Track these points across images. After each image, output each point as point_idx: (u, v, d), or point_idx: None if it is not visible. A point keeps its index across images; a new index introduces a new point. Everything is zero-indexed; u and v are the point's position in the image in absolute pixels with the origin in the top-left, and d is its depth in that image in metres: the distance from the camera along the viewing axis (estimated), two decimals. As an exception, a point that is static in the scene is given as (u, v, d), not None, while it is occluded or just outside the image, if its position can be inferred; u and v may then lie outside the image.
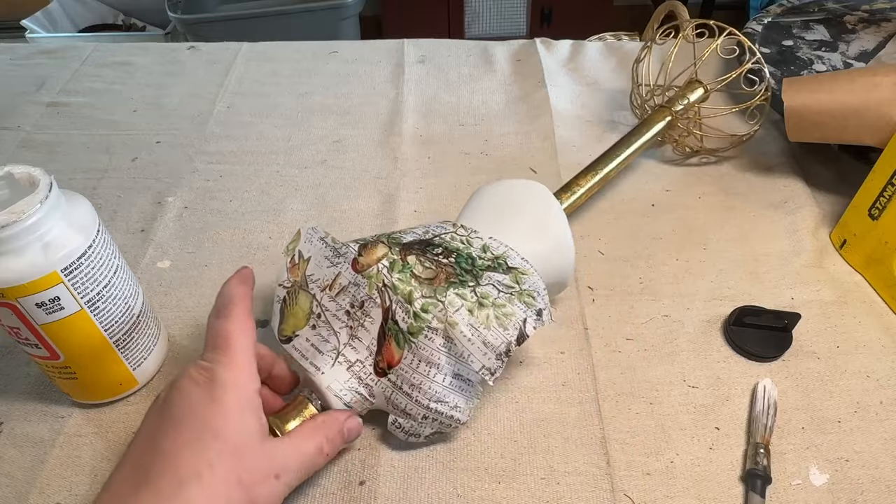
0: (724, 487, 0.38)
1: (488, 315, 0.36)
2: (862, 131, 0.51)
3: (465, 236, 0.40)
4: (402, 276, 0.37)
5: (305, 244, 0.40)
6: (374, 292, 0.36)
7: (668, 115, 0.56)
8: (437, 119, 0.66)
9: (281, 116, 0.67)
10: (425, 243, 0.39)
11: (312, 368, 0.36)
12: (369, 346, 0.36)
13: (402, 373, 0.36)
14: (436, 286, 0.37)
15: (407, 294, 0.36)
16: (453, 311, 0.36)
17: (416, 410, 0.36)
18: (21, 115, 0.67)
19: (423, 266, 0.38)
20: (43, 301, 0.34)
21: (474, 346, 0.35)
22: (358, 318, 0.37)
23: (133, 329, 0.40)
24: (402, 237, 0.40)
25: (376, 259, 0.37)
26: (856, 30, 0.69)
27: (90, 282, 0.36)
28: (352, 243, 0.39)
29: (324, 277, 0.38)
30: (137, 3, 2.01)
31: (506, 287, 0.38)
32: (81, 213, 0.36)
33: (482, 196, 0.45)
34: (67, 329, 0.36)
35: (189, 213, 0.56)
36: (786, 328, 0.45)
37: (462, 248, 0.39)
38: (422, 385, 0.36)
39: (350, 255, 0.38)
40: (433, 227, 0.41)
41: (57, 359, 0.37)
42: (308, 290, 0.38)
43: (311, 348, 0.37)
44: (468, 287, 0.37)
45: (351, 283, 0.37)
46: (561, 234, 0.43)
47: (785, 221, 0.54)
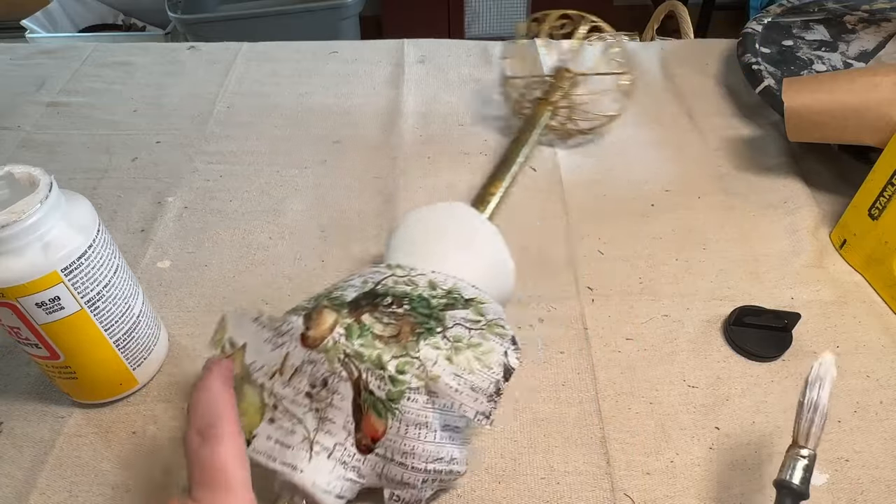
0: (725, 487, 0.38)
1: (468, 358, 0.33)
2: (862, 131, 0.51)
3: (406, 276, 0.37)
4: (363, 341, 0.33)
5: (235, 330, 0.35)
6: (336, 366, 0.32)
7: (549, 107, 0.59)
8: (436, 119, 0.66)
9: (281, 116, 0.67)
10: (371, 296, 0.35)
11: (287, 469, 0.31)
12: (345, 424, 0.32)
13: (389, 443, 0.32)
14: (403, 342, 0.33)
15: (376, 359, 0.32)
16: (431, 364, 0.32)
17: (414, 477, 0.33)
18: (21, 115, 0.67)
19: (382, 323, 0.34)
20: (43, 301, 0.34)
21: (463, 395, 0.32)
22: (323, 398, 0.32)
23: (133, 329, 0.40)
24: (343, 295, 0.36)
25: (328, 328, 0.33)
26: (856, 30, 0.69)
27: (90, 282, 0.36)
28: (292, 316, 0.34)
29: (269, 363, 0.33)
30: (137, 3, 2.01)
31: (472, 322, 0.35)
32: (81, 213, 0.36)
33: (406, 227, 0.42)
34: (67, 329, 0.36)
35: (189, 213, 0.56)
36: (786, 328, 0.45)
37: (410, 290, 0.36)
38: (415, 450, 0.32)
39: (295, 331, 0.33)
40: (368, 274, 0.38)
41: (57, 359, 0.37)
42: (253, 381, 0.33)
43: (277, 446, 0.32)
44: (437, 334, 0.34)
45: (305, 361, 0.33)
46: (495, 248, 0.42)
47: (785, 221, 0.54)
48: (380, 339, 0.33)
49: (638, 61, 0.74)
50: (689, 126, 0.65)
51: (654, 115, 0.66)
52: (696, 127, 0.65)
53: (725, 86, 0.70)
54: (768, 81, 0.60)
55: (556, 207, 0.56)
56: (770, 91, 0.60)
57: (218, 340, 0.34)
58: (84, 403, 0.42)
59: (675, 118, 0.66)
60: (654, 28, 1.18)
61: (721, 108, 0.67)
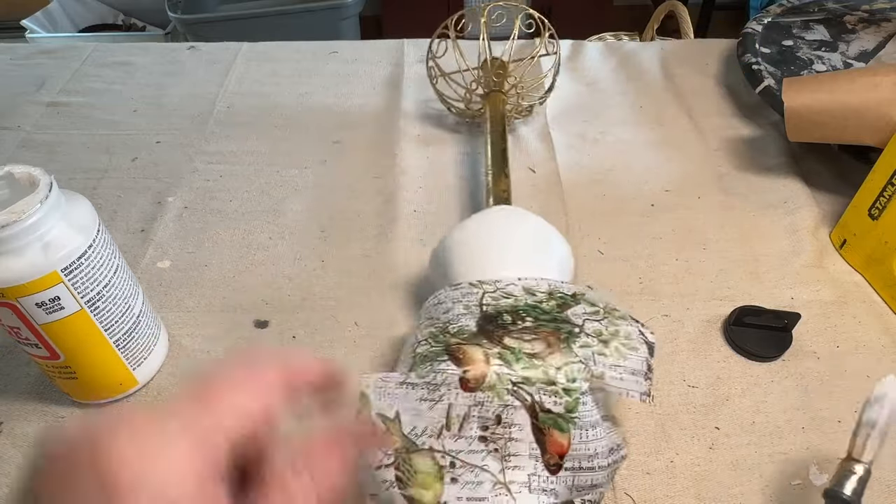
0: (725, 487, 0.38)
1: (616, 347, 0.33)
2: (862, 131, 0.51)
3: (498, 290, 0.36)
4: (524, 364, 0.32)
5: (380, 402, 0.31)
6: (507, 398, 0.31)
7: (501, 97, 0.60)
8: (436, 119, 0.66)
9: (281, 116, 0.67)
10: (490, 319, 0.35)
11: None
12: (530, 453, 0.31)
13: (574, 453, 0.31)
14: (556, 352, 0.33)
15: (543, 376, 0.32)
16: (593, 364, 0.32)
17: (602, 476, 0.32)
18: (21, 115, 0.67)
19: (526, 341, 0.33)
20: (43, 301, 0.34)
21: (626, 383, 0.32)
22: (500, 436, 0.31)
23: (133, 329, 0.40)
24: (463, 327, 0.34)
25: (484, 364, 0.32)
26: (856, 30, 0.69)
27: (90, 282, 0.36)
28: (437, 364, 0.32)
29: (432, 423, 0.31)
30: (137, 3, 2.01)
31: (594, 314, 0.35)
32: (81, 213, 0.36)
33: (464, 238, 0.41)
34: (67, 329, 0.36)
35: (189, 213, 0.56)
36: (786, 328, 0.45)
37: (515, 303, 0.35)
38: (597, 450, 0.32)
39: (451, 379, 0.31)
40: (459, 297, 0.36)
41: (57, 358, 0.37)
42: (420, 448, 0.31)
43: (469, 502, 0.30)
44: (579, 334, 0.34)
45: (471, 406, 0.31)
46: (560, 242, 0.42)
47: (785, 221, 0.54)
48: (536, 357, 0.32)
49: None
50: (689, 126, 0.65)
51: (654, 115, 0.66)
52: (696, 127, 0.65)
53: (725, 86, 0.70)
54: (768, 81, 0.60)
55: (556, 207, 0.56)
56: (770, 91, 0.60)
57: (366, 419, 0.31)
58: (84, 403, 0.42)
59: (675, 118, 0.66)
60: (654, 28, 1.18)
61: (721, 108, 0.67)
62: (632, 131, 0.64)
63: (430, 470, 0.30)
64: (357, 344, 0.45)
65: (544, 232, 0.42)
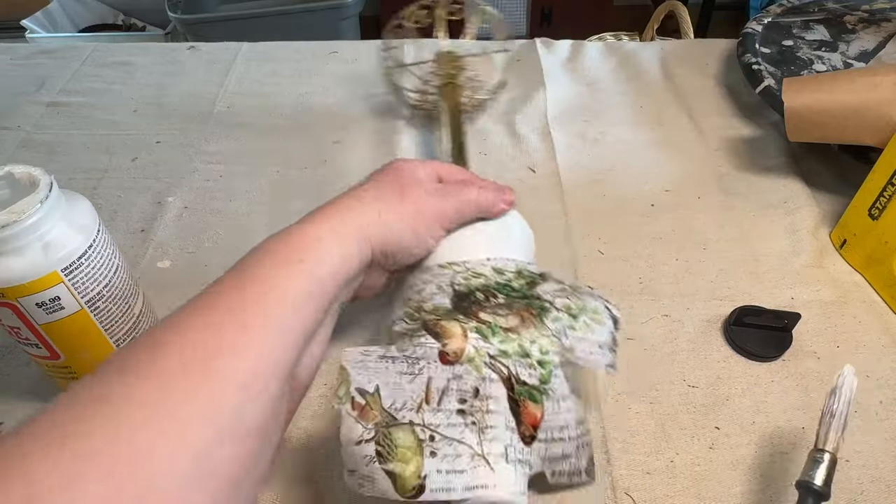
0: (725, 487, 0.38)
1: (585, 322, 0.34)
2: (862, 131, 0.51)
3: (468, 270, 0.37)
4: (500, 338, 0.33)
5: (360, 377, 0.31)
6: (485, 371, 0.31)
7: (458, 89, 0.60)
8: (437, 119, 0.66)
9: (281, 116, 0.67)
10: (464, 296, 0.35)
11: (478, 491, 0.30)
12: (507, 424, 0.31)
13: (546, 424, 0.32)
14: (530, 326, 0.33)
15: (519, 350, 0.32)
16: (564, 338, 0.33)
17: (572, 446, 0.33)
18: (21, 115, 0.67)
19: (500, 316, 0.34)
20: (43, 301, 0.34)
21: (594, 356, 0.34)
22: (477, 409, 0.31)
23: (133, 329, 0.40)
24: (439, 304, 0.35)
25: (462, 338, 0.32)
26: (856, 30, 0.69)
27: (90, 282, 0.36)
28: (416, 339, 0.33)
29: (412, 396, 0.31)
30: (137, 3, 2.01)
31: (562, 291, 0.36)
32: (82, 213, 0.36)
33: None
34: (68, 329, 0.36)
35: (189, 213, 0.56)
36: (786, 328, 0.45)
37: (486, 282, 0.36)
38: (567, 422, 0.33)
39: (431, 353, 0.32)
40: (429, 278, 0.37)
41: (57, 358, 0.37)
42: (399, 422, 0.31)
43: (451, 475, 0.30)
44: (551, 310, 0.34)
45: (450, 378, 0.31)
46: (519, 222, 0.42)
47: (785, 221, 0.54)
48: (511, 331, 0.33)
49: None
50: (689, 126, 0.65)
51: (654, 115, 0.66)
52: (696, 127, 0.65)
53: (725, 86, 0.70)
54: (768, 81, 0.60)
55: (556, 207, 0.56)
56: (770, 91, 0.60)
57: (344, 395, 0.31)
58: None
59: (675, 118, 0.66)
60: (654, 28, 1.18)
61: (721, 108, 0.67)
62: (632, 131, 0.64)
63: (411, 444, 0.30)
64: (357, 343, 0.45)
65: (507, 215, 0.42)
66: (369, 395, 0.31)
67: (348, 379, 0.31)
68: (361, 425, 0.30)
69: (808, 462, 0.33)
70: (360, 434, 0.30)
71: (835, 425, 0.33)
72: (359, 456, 0.30)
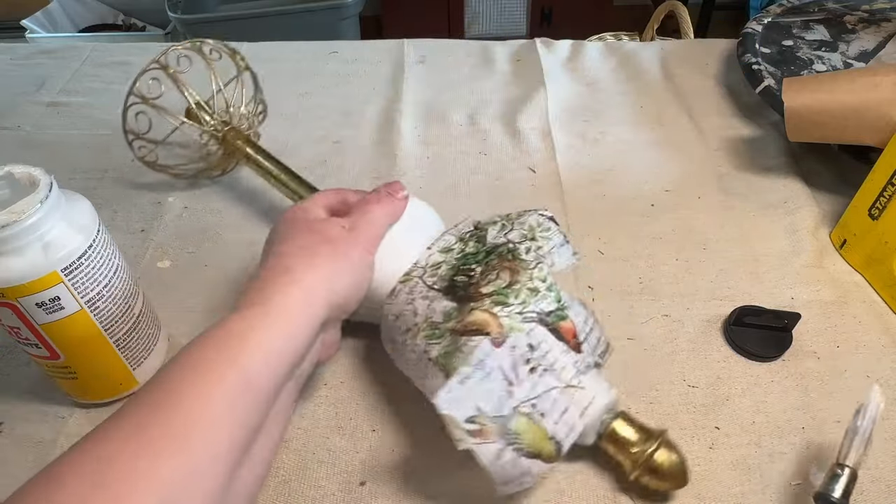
0: (725, 487, 0.38)
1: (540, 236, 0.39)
2: (862, 131, 0.51)
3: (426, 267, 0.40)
4: (514, 294, 0.36)
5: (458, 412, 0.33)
6: (524, 327, 0.35)
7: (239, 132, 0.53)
8: (436, 119, 0.66)
9: (281, 116, 0.67)
10: (454, 289, 0.38)
11: (582, 409, 0.35)
12: (561, 350, 0.35)
13: (579, 328, 0.37)
14: (519, 269, 0.37)
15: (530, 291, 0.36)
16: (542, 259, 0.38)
17: (597, 329, 0.39)
18: (21, 115, 0.67)
19: (494, 280, 0.37)
20: (43, 301, 0.34)
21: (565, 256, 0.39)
22: (538, 358, 0.35)
23: (133, 329, 0.40)
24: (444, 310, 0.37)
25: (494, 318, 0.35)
26: (856, 30, 0.69)
27: (90, 282, 0.36)
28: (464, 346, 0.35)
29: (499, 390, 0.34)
30: (137, 3, 2.01)
31: (503, 227, 0.40)
32: (82, 213, 0.36)
33: None
34: (67, 329, 0.36)
35: (189, 213, 0.56)
36: (786, 328, 0.45)
37: (451, 263, 0.39)
38: (585, 316, 0.38)
39: (485, 347, 0.34)
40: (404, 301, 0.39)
41: (57, 358, 0.37)
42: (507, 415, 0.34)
43: (563, 417, 0.34)
44: (517, 247, 0.39)
45: (510, 354, 0.34)
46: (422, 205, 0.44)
47: (785, 221, 0.54)
48: (512, 285, 0.37)
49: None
50: (689, 126, 0.65)
51: (654, 115, 0.66)
52: (696, 127, 0.65)
53: (725, 86, 0.70)
54: (768, 81, 0.60)
55: (555, 207, 0.56)
56: (770, 91, 0.60)
57: (460, 435, 0.32)
58: (85, 403, 0.42)
59: (675, 118, 0.66)
60: (654, 28, 1.18)
61: (721, 108, 0.67)
62: (632, 131, 0.64)
63: (526, 424, 0.34)
64: (356, 345, 0.45)
65: (416, 202, 0.44)
66: (476, 418, 0.33)
67: (453, 421, 0.33)
68: (490, 443, 0.33)
69: (827, 475, 0.34)
70: (495, 450, 0.33)
71: (856, 443, 0.35)
72: (506, 465, 0.33)
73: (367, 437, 0.40)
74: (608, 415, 0.36)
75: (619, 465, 0.37)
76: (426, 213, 0.44)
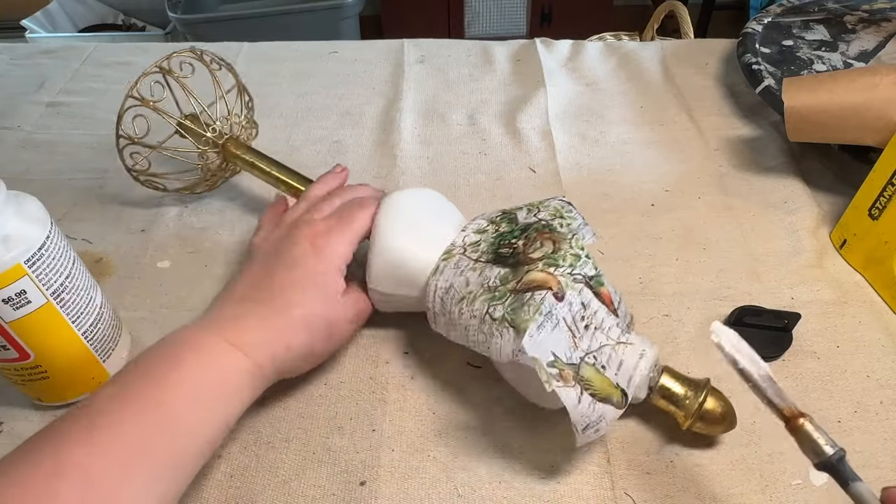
0: (725, 487, 0.38)
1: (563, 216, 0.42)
2: (862, 131, 0.51)
3: (466, 245, 0.41)
4: (561, 259, 0.38)
5: (542, 355, 0.35)
6: (577, 286, 0.38)
7: (236, 141, 0.52)
8: (436, 119, 0.66)
9: (281, 116, 0.67)
10: (502, 259, 0.39)
11: (635, 360, 0.37)
12: (606, 312, 0.38)
13: (614, 296, 0.40)
14: (559, 240, 0.39)
15: (575, 257, 0.39)
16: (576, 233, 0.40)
17: (623, 301, 0.40)
18: (21, 115, 0.68)
19: (540, 248, 0.39)
20: (10, 296, 0.35)
21: (588, 233, 0.41)
22: (590, 316, 0.38)
23: (98, 320, 0.40)
24: (498, 275, 0.39)
25: (551, 276, 0.37)
26: (856, 30, 0.69)
27: (53, 272, 0.36)
28: (531, 299, 0.36)
29: (567, 340, 0.36)
30: (137, 3, 2.01)
31: (530, 209, 0.42)
32: (33, 209, 0.37)
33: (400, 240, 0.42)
34: (36, 324, 0.36)
35: (189, 213, 0.56)
36: (786, 328, 0.45)
37: (489, 239, 0.41)
38: (614, 287, 0.40)
39: (549, 299, 0.36)
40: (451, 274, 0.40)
41: (27, 358, 0.38)
42: (579, 364, 0.36)
43: (620, 369, 0.37)
44: (551, 222, 0.41)
45: (570, 309, 0.37)
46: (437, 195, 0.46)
47: (785, 221, 0.54)
48: (556, 251, 0.39)
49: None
50: (689, 126, 0.65)
51: (654, 115, 0.66)
52: (696, 127, 0.65)
53: (725, 86, 0.70)
54: (768, 81, 0.60)
55: (556, 207, 0.56)
56: (770, 91, 0.60)
57: (546, 377, 0.34)
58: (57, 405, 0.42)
59: (675, 118, 0.66)
60: (654, 28, 1.18)
61: (721, 108, 0.67)
62: (632, 131, 0.64)
63: (594, 373, 0.36)
64: (356, 345, 0.45)
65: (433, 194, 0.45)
66: (555, 362, 0.35)
67: (539, 363, 0.34)
68: (570, 387, 0.35)
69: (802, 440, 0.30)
70: (575, 395, 0.35)
71: (767, 385, 0.30)
72: (585, 409, 0.35)
73: (367, 437, 0.40)
74: (656, 369, 0.38)
75: (673, 416, 0.39)
76: (444, 203, 0.45)
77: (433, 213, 0.44)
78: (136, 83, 0.50)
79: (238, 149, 0.52)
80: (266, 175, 0.51)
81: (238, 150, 0.52)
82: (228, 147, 0.52)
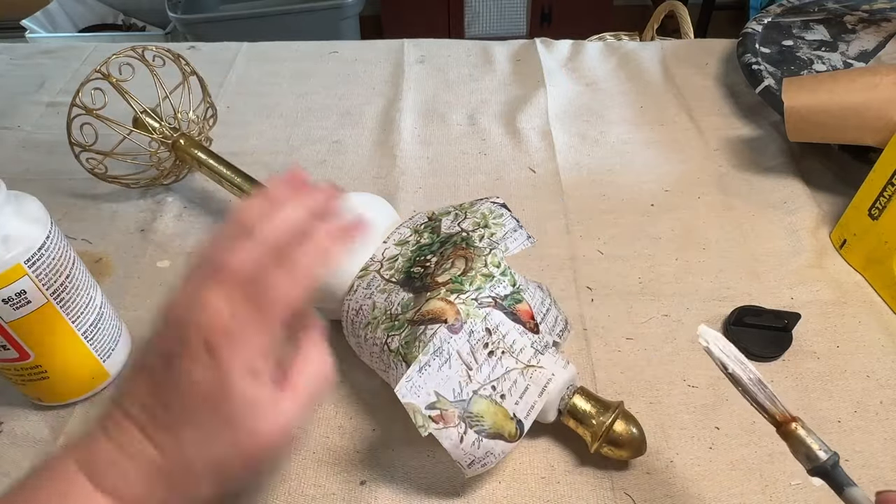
0: (725, 487, 0.38)
1: (493, 222, 0.41)
2: (862, 131, 0.51)
3: (383, 261, 0.40)
4: (468, 281, 0.37)
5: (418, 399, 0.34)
6: (480, 312, 0.36)
7: (189, 138, 0.53)
8: (436, 119, 0.66)
9: (281, 116, 0.67)
10: (410, 280, 0.38)
11: (544, 387, 0.36)
12: (519, 332, 0.37)
13: (536, 309, 0.39)
14: (473, 256, 0.38)
15: (484, 277, 0.37)
16: (496, 246, 0.39)
17: (554, 308, 0.40)
18: (21, 114, 0.67)
19: (450, 269, 0.38)
20: (10, 296, 0.35)
21: (519, 241, 0.40)
22: (496, 341, 0.36)
23: (98, 320, 0.40)
24: (401, 302, 0.37)
25: (450, 305, 0.36)
26: (856, 30, 0.69)
27: (53, 272, 0.36)
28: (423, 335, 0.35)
29: (459, 375, 0.35)
30: (137, 3, 2.01)
31: (456, 215, 0.42)
32: (33, 209, 0.37)
33: None
34: (36, 323, 0.36)
35: (189, 213, 0.56)
36: (786, 328, 0.45)
37: (407, 255, 0.40)
38: (541, 298, 0.40)
39: (442, 334, 0.35)
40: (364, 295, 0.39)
41: (27, 358, 0.38)
42: (467, 399, 0.35)
43: (524, 397, 0.36)
44: (470, 235, 0.40)
45: (467, 339, 0.35)
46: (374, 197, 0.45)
47: (785, 221, 0.54)
48: (467, 272, 0.38)
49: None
50: (689, 126, 0.65)
51: (654, 115, 0.66)
52: (696, 127, 0.65)
53: (725, 86, 0.70)
54: (768, 81, 0.60)
55: (555, 207, 0.56)
56: (770, 91, 0.60)
57: (422, 421, 0.33)
58: (57, 406, 0.42)
59: (675, 118, 0.66)
60: (654, 28, 1.18)
61: (721, 108, 0.67)
62: (632, 131, 0.64)
63: (487, 405, 0.35)
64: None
65: (366, 199, 0.44)
66: (436, 403, 0.34)
67: (414, 408, 0.33)
68: (451, 427, 0.34)
69: (795, 446, 0.29)
70: (457, 434, 0.34)
71: (758, 390, 0.30)
72: (468, 448, 0.34)
73: (367, 437, 0.40)
74: (568, 391, 0.37)
75: (581, 439, 0.38)
76: (380, 207, 0.44)
77: None
78: (79, 91, 0.50)
79: (188, 148, 0.53)
80: (213, 174, 0.52)
81: (188, 149, 0.53)
82: (178, 146, 0.53)
